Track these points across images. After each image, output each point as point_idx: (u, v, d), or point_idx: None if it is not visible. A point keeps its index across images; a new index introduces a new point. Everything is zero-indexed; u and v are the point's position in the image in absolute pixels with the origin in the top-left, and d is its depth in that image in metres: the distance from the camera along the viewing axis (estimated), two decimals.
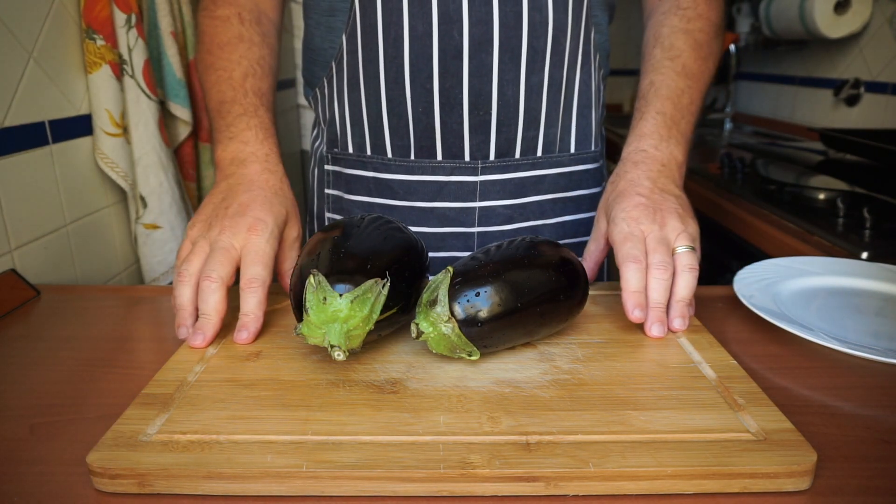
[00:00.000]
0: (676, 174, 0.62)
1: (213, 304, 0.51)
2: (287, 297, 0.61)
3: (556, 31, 0.65)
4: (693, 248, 0.55)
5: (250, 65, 0.65)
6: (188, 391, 0.44)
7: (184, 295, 0.53)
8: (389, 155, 0.68)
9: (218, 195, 0.59)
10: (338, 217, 0.75)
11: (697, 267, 0.55)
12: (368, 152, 0.70)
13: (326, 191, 0.75)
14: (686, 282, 0.54)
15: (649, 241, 0.55)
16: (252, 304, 0.52)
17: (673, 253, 0.54)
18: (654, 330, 0.52)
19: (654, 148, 0.62)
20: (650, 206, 0.57)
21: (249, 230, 0.54)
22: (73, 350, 0.55)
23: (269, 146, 0.62)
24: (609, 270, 0.81)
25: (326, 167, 0.74)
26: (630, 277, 0.53)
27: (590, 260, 0.62)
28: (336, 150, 0.73)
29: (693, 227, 0.57)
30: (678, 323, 0.53)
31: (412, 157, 0.68)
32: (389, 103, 0.66)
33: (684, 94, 0.64)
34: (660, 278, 0.53)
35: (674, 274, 0.54)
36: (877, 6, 1.55)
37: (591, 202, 0.75)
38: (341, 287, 0.44)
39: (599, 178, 0.76)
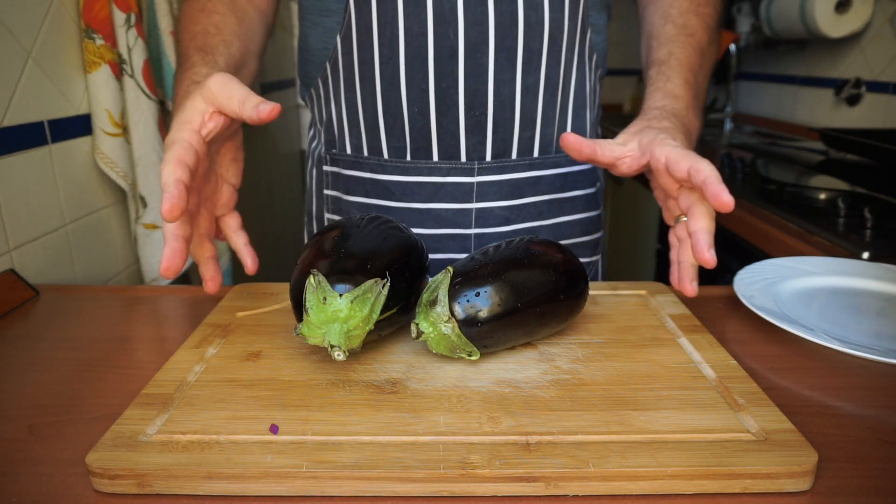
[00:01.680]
0: (693, 145, 0.61)
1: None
2: (287, 297, 0.61)
3: (553, 30, 0.65)
4: None
5: (204, 28, 0.64)
6: (188, 391, 0.44)
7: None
8: (386, 156, 0.68)
9: None
10: (336, 218, 0.75)
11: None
12: (365, 153, 0.69)
13: (325, 191, 0.75)
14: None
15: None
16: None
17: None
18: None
19: (685, 116, 0.60)
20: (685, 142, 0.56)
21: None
22: (73, 350, 0.55)
23: (190, 73, 0.59)
24: (606, 271, 0.81)
25: (325, 168, 0.74)
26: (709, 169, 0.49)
27: (594, 144, 0.55)
28: (334, 150, 0.72)
29: None
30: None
31: (408, 158, 0.68)
32: (385, 104, 0.66)
33: (700, 70, 0.65)
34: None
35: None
36: (878, 5, 1.55)
37: (587, 202, 0.75)
38: (341, 287, 0.44)
39: (595, 178, 0.76)
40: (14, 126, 0.79)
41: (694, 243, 0.51)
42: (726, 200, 0.46)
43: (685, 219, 0.53)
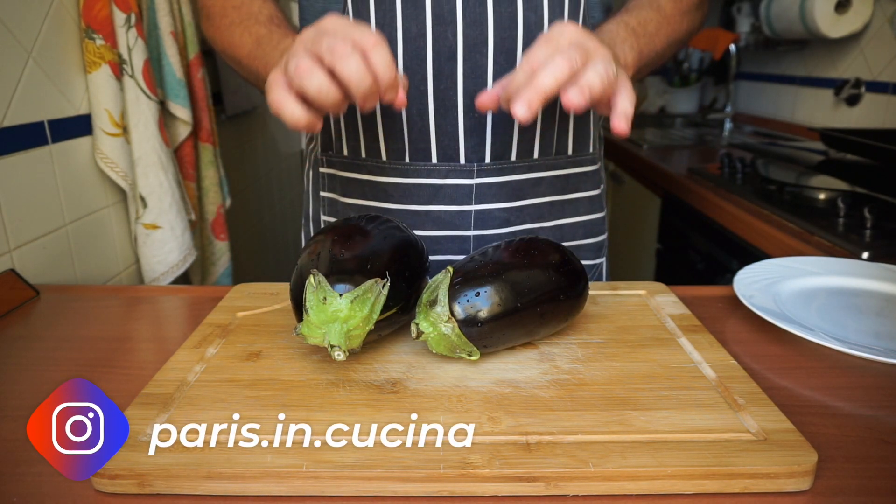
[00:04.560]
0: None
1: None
2: (287, 297, 0.60)
3: None
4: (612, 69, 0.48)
5: (271, 12, 0.65)
6: (188, 391, 0.44)
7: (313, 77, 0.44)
8: (384, 158, 0.68)
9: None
10: (332, 220, 0.74)
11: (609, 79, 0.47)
12: (363, 155, 0.69)
13: (321, 193, 0.75)
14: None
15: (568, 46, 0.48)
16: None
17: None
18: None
19: (609, 40, 0.60)
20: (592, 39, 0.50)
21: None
22: (73, 350, 0.55)
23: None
24: (609, 271, 0.81)
25: (321, 170, 0.74)
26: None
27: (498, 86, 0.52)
28: (330, 152, 0.72)
29: (623, 71, 0.50)
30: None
31: (407, 160, 0.67)
32: (383, 106, 0.66)
33: (651, 22, 0.65)
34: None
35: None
36: (878, 6, 1.55)
37: (589, 205, 0.75)
38: (341, 287, 0.44)
39: (597, 180, 0.76)
40: (14, 126, 0.79)
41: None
42: (516, 113, 0.45)
43: None
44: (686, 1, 0.69)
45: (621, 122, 0.47)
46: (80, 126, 0.93)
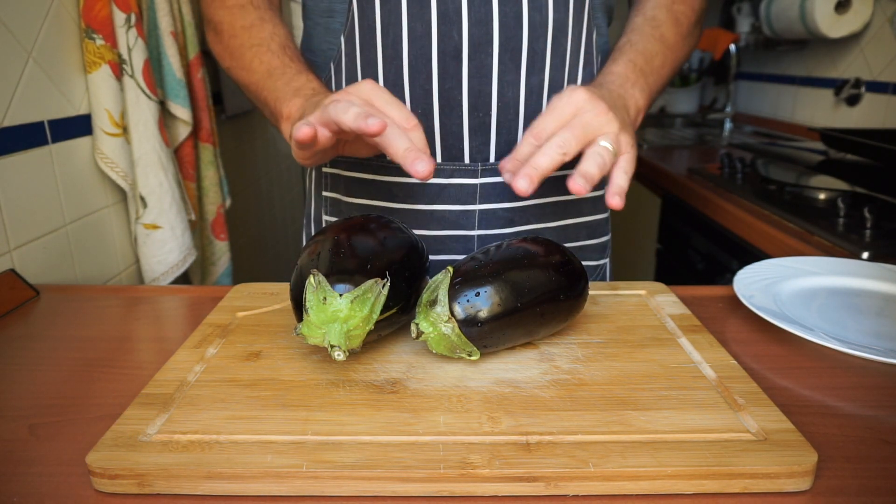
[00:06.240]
0: (633, 115, 0.61)
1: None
2: (287, 297, 0.61)
3: (557, 31, 0.65)
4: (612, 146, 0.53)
5: (283, 40, 0.66)
6: (188, 391, 0.44)
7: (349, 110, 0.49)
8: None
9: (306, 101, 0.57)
10: (335, 220, 0.74)
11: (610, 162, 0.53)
12: None
13: (324, 193, 0.75)
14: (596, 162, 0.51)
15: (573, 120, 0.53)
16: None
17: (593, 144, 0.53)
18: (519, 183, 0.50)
19: (619, 86, 0.62)
20: (605, 98, 0.55)
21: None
22: (73, 350, 0.55)
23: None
24: (611, 270, 0.81)
25: (324, 169, 0.74)
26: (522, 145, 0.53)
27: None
28: None
29: (629, 138, 0.55)
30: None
31: None
32: None
33: (657, 56, 0.66)
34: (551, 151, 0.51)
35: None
36: (878, 6, 1.55)
37: (593, 205, 0.75)
38: (341, 287, 0.44)
39: (602, 181, 0.76)
40: (14, 126, 0.79)
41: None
42: (517, 188, 0.50)
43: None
44: (685, 24, 0.70)
45: (615, 198, 0.52)
46: (80, 126, 0.93)
